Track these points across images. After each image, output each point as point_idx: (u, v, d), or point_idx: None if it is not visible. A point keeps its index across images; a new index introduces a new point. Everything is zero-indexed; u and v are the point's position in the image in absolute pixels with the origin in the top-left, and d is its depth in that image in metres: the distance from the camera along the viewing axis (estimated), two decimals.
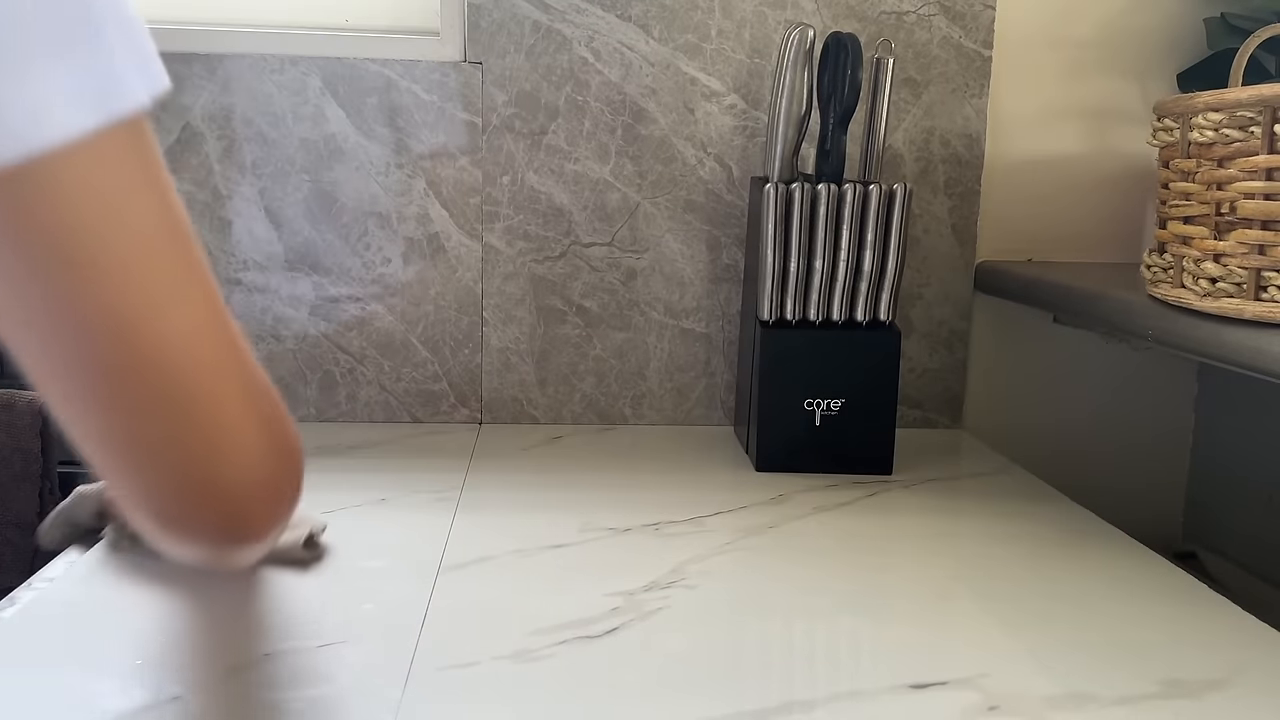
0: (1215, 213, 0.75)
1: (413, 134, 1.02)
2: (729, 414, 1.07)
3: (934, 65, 1.04)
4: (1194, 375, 1.12)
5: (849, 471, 0.91)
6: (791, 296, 0.91)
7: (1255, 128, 0.71)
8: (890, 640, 0.61)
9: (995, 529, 0.81)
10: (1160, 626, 0.65)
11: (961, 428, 1.10)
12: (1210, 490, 1.11)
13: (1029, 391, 1.11)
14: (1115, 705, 0.55)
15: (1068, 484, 0.91)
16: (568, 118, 1.03)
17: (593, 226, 1.04)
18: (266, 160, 1.01)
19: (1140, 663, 0.59)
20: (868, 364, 0.91)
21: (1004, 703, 0.54)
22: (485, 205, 1.03)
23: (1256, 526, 1.04)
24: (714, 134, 1.04)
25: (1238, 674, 0.58)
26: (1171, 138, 0.81)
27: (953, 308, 1.08)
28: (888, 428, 0.92)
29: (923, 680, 0.56)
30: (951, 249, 1.07)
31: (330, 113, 1.01)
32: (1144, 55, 1.08)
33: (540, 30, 1.01)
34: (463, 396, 1.05)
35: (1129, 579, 0.72)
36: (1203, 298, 0.76)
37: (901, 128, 1.05)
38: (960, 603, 0.67)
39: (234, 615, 0.63)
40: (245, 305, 1.03)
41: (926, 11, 1.03)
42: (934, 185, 1.06)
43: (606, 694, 0.54)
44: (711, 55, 1.03)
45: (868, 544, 0.77)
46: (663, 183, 1.04)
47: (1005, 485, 0.92)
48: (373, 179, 1.02)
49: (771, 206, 0.90)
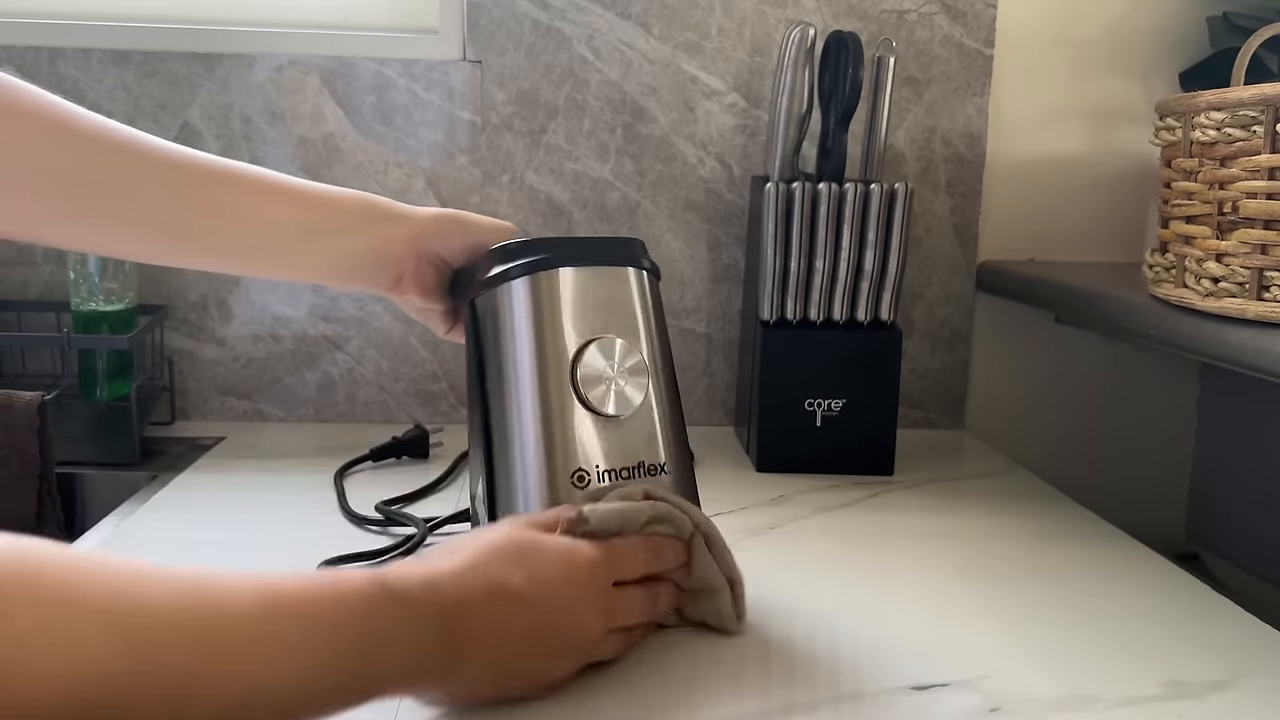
0: (1217, 212, 0.75)
1: (412, 133, 1.02)
2: (729, 414, 1.07)
3: (935, 64, 1.04)
4: (1196, 375, 1.12)
5: (850, 472, 0.91)
6: (792, 296, 0.91)
7: (1258, 127, 0.71)
8: (891, 641, 0.61)
9: (997, 530, 0.80)
10: (1162, 627, 0.64)
11: (963, 428, 1.10)
12: (1213, 491, 1.11)
13: (1031, 392, 1.11)
14: (1117, 706, 0.54)
15: (1070, 485, 0.91)
16: (567, 116, 1.02)
17: (592, 226, 1.04)
18: (265, 159, 1.01)
19: (1142, 664, 0.59)
20: (869, 364, 0.91)
21: (1005, 704, 0.54)
22: (485, 204, 1.03)
23: (1259, 527, 1.04)
24: (714, 133, 1.04)
25: (1240, 675, 0.58)
26: (1174, 137, 0.80)
27: (954, 308, 1.08)
28: (889, 428, 0.92)
29: (924, 682, 0.56)
30: (953, 249, 1.07)
31: (329, 111, 1.01)
32: (1146, 54, 1.08)
33: (540, 29, 1.01)
34: (462, 396, 1.05)
35: (1131, 580, 0.72)
36: (1205, 297, 0.76)
37: (903, 127, 1.05)
38: (962, 603, 0.67)
39: None
40: (244, 305, 1.03)
41: (928, 10, 1.03)
42: (935, 185, 1.06)
43: (607, 695, 0.54)
44: (712, 54, 1.02)
45: (869, 544, 0.77)
46: (663, 182, 1.04)
47: (1007, 486, 0.91)
48: (372, 178, 1.02)
49: (772, 206, 0.89)
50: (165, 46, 1.00)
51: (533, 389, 0.60)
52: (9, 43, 0.99)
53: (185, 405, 1.04)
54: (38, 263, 1.02)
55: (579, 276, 0.62)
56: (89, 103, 0.99)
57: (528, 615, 0.50)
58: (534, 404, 0.60)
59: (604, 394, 0.60)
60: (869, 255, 0.90)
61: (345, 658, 0.43)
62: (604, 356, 0.60)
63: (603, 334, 0.61)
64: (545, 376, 0.60)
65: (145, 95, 0.99)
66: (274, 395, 1.05)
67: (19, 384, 0.94)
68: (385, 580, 0.46)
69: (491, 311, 0.63)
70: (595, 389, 0.60)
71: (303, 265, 0.67)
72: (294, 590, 0.42)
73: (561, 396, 0.60)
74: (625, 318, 0.62)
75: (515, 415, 0.61)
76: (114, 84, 0.99)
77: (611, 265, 0.63)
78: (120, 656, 0.35)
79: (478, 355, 0.64)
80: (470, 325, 0.64)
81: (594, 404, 0.60)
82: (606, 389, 0.60)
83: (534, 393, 0.60)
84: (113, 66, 0.99)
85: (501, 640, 0.49)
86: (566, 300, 0.61)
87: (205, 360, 1.04)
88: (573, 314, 0.61)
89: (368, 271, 0.68)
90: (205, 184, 0.63)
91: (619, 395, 0.60)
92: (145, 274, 1.00)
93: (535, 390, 0.60)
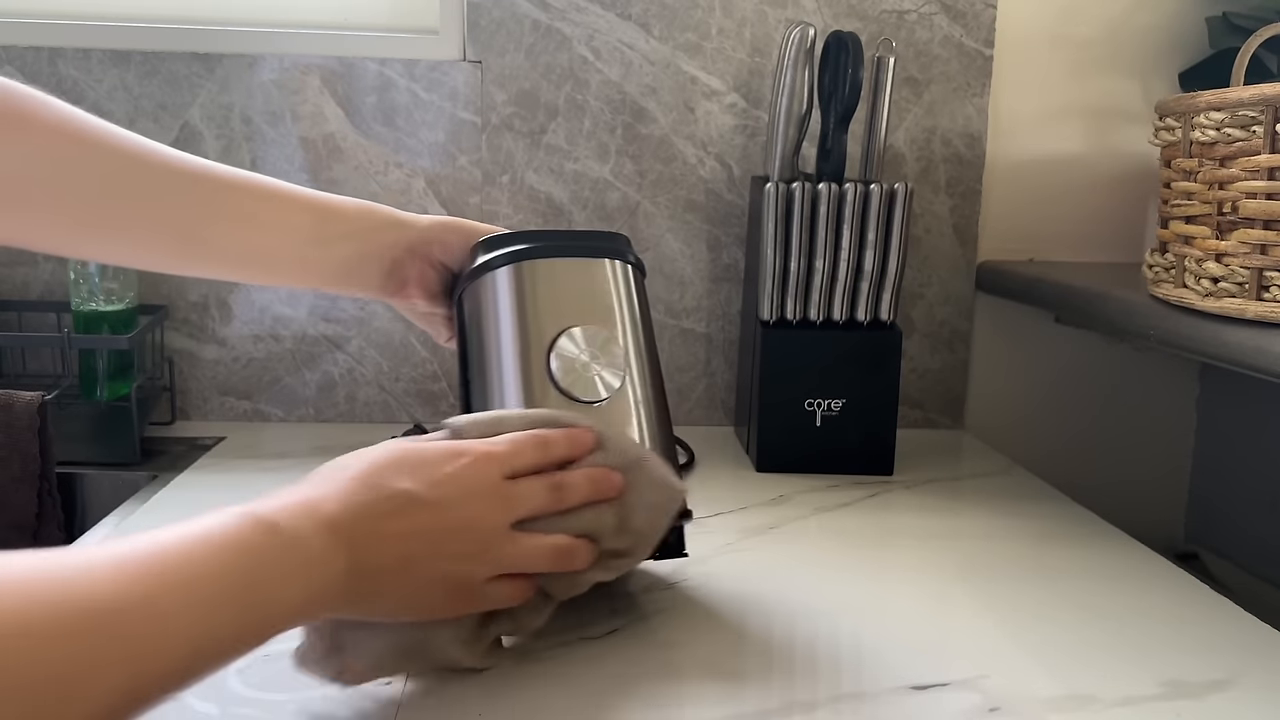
0: (1217, 212, 0.75)
1: (412, 133, 1.02)
2: (729, 414, 1.07)
3: (935, 64, 1.04)
4: (1196, 375, 1.12)
5: (850, 472, 0.91)
6: (792, 296, 0.91)
7: (1257, 127, 0.71)
8: (891, 641, 0.61)
9: (997, 530, 0.80)
10: (1162, 627, 0.64)
11: (963, 428, 1.10)
12: (1212, 491, 1.11)
13: (1030, 392, 1.11)
14: (1116, 706, 0.54)
15: (1069, 484, 0.91)
16: (567, 117, 1.02)
17: (592, 226, 1.04)
18: (266, 159, 1.01)
19: (1142, 663, 0.59)
20: (869, 364, 0.91)
21: (1005, 704, 0.54)
22: (485, 205, 1.03)
23: (1259, 527, 1.04)
24: (714, 133, 1.04)
25: (1239, 675, 0.58)
26: (1173, 137, 0.80)
27: (954, 308, 1.08)
28: (889, 428, 0.92)
29: (924, 681, 0.56)
30: (953, 249, 1.07)
31: (329, 111, 1.01)
32: (1146, 54, 1.08)
33: (540, 29, 1.01)
34: None
35: (1131, 580, 0.72)
36: (1205, 297, 0.76)
37: (902, 127, 1.05)
38: (962, 603, 0.67)
39: None
40: (244, 305, 1.03)
41: (927, 10, 1.03)
42: (935, 185, 1.06)
43: (608, 696, 0.54)
44: (712, 54, 1.02)
45: (869, 544, 0.77)
46: (663, 182, 1.04)
47: (1007, 486, 0.91)
48: (372, 178, 1.02)
49: (772, 206, 0.89)
50: (165, 46, 1.00)
51: (513, 375, 0.62)
52: (9, 43, 0.99)
53: (185, 405, 1.04)
54: (38, 263, 1.02)
55: (558, 267, 0.64)
56: (89, 103, 0.99)
57: (426, 515, 0.50)
58: (514, 391, 0.61)
59: (578, 379, 0.61)
60: (869, 255, 0.90)
61: (232, 608, 0.41)
62: (579, 343, 0.61)
63: (579, 323, 0.62)
64: (524, 363, 0.61)
65: (145, 95, 0.99)
66: (274, 395, 1.05)
67: (19, 384, 0.94)
68: (258, 514, 0.43)
69: (475, 302, 0.65)
70: (570, 375, 0.61)
71: (316, 272, 0.68)
72: (156, 553, 0.39)
73: (540, 383, 0.61)
74: (603, 309, 0.63)
75: (497, 403, 0.62)
76: (114, 84, 0.99)
77: (591, 257, 0.65)
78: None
79: (462, 347, 0.66)
80: (458, 320, 0.66)
81: (569, 389, 0.60)
82: (580, 375, 0.61)
83: (514, 379, 0.61)
84: (113, 67, 0.99)
85: (404, 546, 0.49)
86: (545, 290, 0.63)
87: (205, 360, 1.04)
88: (551, 303, 0.63)
89: (373, 277, 0.69)
90: (224, 193, 0.64)
91: (593, 381, 0.61)
92: (146, 274, 1.00)
93: (515, 377, 0.61)
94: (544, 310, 0.62)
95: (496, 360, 0.63)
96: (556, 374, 0.60)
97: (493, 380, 0.62)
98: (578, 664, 0.57)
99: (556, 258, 0.64)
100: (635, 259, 0.67)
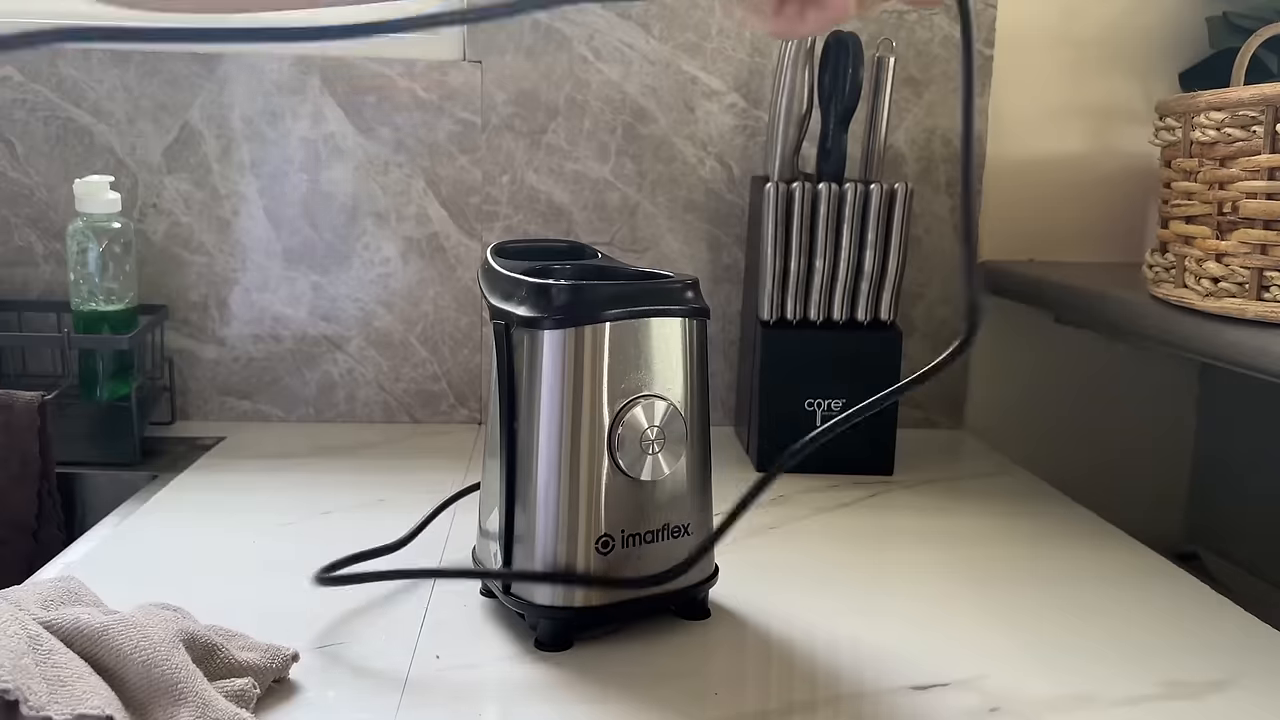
0: (1217, 212, 0.75)
1: (411, 133, 1.02)
2: (729, 414, 1.07)
3: (935, 64, 1.04)
4: (1196, 375, 1.12)
5: (850, 472, 0.91)
6: (792, 296, 0.91)
7: (1257, 127, 0.71)
8: (891, 641, 0.61)
9: (996, 530, 0.80)
10: (1162, 627, 0.64)
11: (963, 428, 1.10)
12: (1212, 491, 1.11)
13: (1031, 392, 1.11)
14: (1116, 706, 0.54)
15: (1069, 484, 0.91)
16: (567, 117, 1.02)
17: (592, 226, 1.04)
18: (265, 159, 1.01)
19: (1141, 663, 0.59)
20: (869, 364, 0.91)
21: (1005, 704, 0.54)
22: (484, 205, 1.03)
23: (1259, 527, 1.04)
24: (714, 133, 1.04)
25: (1239, 675, 0.58)
26: (1174, 137, 0.81)
27: (954, 308, 1.08)
28: (888, 428, 0.92)
29: (924, 681, 0.56)
30: (953, 249, 1.07)
31: (329, 111, 1.01)
32: (1146, 54, 1.08)
33: (540, 29, 1.01)
34: (462, 396, 1.05)
35: (1130, 580, 0.72)
36: (1205, 297, 0.76)
37: (902, 127, 1.05)
38: (961, 604, 0.67)
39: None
40: (244, 305, 1.03)
41: (927, 10, 1.03)
42: (935, 185, 1.06)
43: (608, 696, 0.54)
44: (712, 54, 1.02)
45: (868, 544, 0.77)
46: (663, 182, 1.04)
47: (1006, 486, 0.91)
48: (371, 178, 1.02)
49: (772, 206, 0.89)
50: (165, 47, 1.00)
51: (566, 445, 0.57)
52: None
53: (185, 405, 1.04)
54: (38, 263, 1.02)
55: (624, 330, 0.58)
56: (89, 103, 0.99)
57: None
58: (565, 461, 0.57)
59: (639, 459, 0.58)
60: (869, 255, 0.90)
61: None
62: (643, 420, 0.58)
63: (644, 393, 0.58)
64: (579, 434, 0.57)
65: (145, 95, 0.99)
66: (274, 395, 1.05)
67: (19, 384, 0.94)
68: None
69: (529, 352, 0.58)
70: (631, 453, 0.57)
71: None
72: None
73: (594, 457, 0.57)
74: (669, 374, 0.59)
75: (543, 469, 0.58)
76: (114, 84, 0.99)
77: (660, 317, 0.59)
78: None
79: (509, 388, 0.59)
80: (504, 350, 0.60)
81: (628, 469, 0.57)
82: (642, 454, 0.58)
83: (567, 450, 0.57)
84: (113, 66, 0.99)
85: None
86: (608, 355, 0.57)
87: (205, 360, 1.04)
88: (614, 371, 0.58)
89: None
90: None
91: (655, 461, 0.58)
92: (146, 274, 1.01)
93: (569, 448, 0.57)
94: (605, 379, 0.57)
95: (547, 423, 0.57)
96: (618, 452, 0.57)
97: (542, 445, 0.57)
98: (579, 665, 0.57)
99: (620, 320, 0.57)
100: (702, 305, 0.61)
